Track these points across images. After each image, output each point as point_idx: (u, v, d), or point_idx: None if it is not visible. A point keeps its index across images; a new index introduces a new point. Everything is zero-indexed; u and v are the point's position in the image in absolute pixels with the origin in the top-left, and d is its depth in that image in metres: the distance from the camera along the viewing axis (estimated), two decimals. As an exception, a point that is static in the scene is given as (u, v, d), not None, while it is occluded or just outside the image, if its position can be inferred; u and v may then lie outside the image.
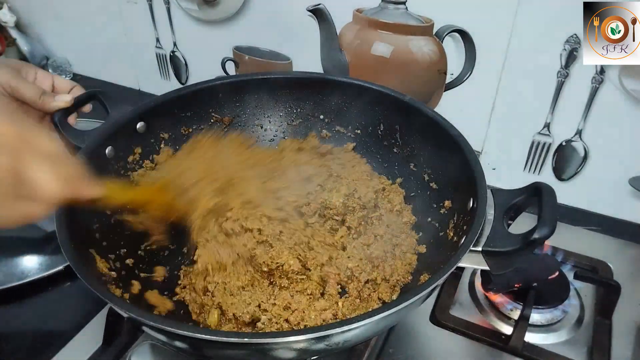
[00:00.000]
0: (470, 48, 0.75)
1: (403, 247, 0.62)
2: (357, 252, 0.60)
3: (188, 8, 0.93)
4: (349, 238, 0.64)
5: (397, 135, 0.70)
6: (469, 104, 0.79)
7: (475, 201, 0.52)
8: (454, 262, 0.45)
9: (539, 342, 0.61)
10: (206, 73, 0.99)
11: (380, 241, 0.62)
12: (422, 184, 0.67)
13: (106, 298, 0.44)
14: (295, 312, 0.53)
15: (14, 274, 0.65)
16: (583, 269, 0.69)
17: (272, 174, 0.67)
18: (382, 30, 0.79)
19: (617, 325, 0.62)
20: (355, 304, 0.56)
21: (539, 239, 0.44)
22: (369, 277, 0.57)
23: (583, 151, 0.75)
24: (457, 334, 0.62)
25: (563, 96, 0.72)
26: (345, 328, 0.41)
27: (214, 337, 0.41)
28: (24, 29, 1.17)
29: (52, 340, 0.60)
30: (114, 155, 0.62)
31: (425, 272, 0.57)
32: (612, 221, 0.78)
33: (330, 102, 0.74)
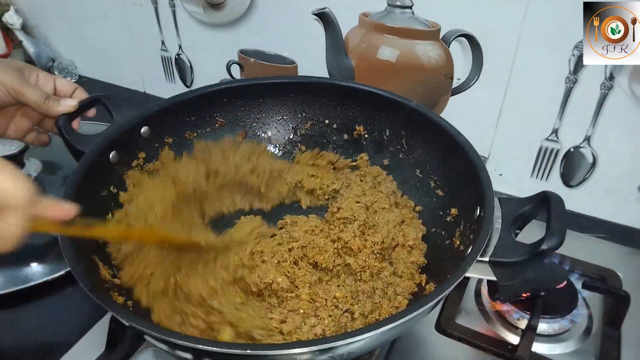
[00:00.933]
0: (477, 53, 0.74)
1: (398, 288, 0.57)
2: (349, 283, 0.58)
3: (193, 11, 0.93)
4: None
5: (402, 140, 0.69)
6: (476, 109, 0.78)
7: (482, 210, 0.51)
8: (461, 273, 0.44)
9: (546, 353, 0.60)
10: (211, 76, 0.99)
11: (376, 277, 0.59)
12: (428, 190, 0.66)
13: (107, 306, 0.44)
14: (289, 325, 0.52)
15: (18, 278, 0.65)
16: (591, 278, 0.68)
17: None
18: (388, 34, 0.78)
19: (626, 336, 0.61)
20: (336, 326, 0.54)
21: (547, 249, 0.44)
22: (348, 307, 0.55)
23: (592, 157, 0.74)
24: (463, 343, 0.61)
25: (571, 102, 0.71)
26: (349, 340, 0.40)
27: (215, 348, 0.40)
28: (30, 31, 1.18)
29: (55, 346, 0.60)
30: (118, 160, 0.62)
31: (431, 282, 0.57)
32: (621, 229, 0.77)
33: (335, 106, 0.73)
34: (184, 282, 0.55)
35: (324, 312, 0.54)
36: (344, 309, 0.55)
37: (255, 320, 0.52)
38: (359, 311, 0.54)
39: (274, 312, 0.54)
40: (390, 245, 0.60)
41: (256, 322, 0.52)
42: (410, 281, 0.58)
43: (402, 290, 0.57)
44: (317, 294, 0.56)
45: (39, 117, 0.64)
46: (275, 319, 0.52)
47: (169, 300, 0.53)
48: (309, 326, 0.52)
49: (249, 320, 0.52)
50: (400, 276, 0.59)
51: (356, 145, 0.73)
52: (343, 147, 0.74)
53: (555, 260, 0.69)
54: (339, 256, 0.60)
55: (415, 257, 0.60)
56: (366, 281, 0.58)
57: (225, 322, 0.51)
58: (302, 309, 0.54)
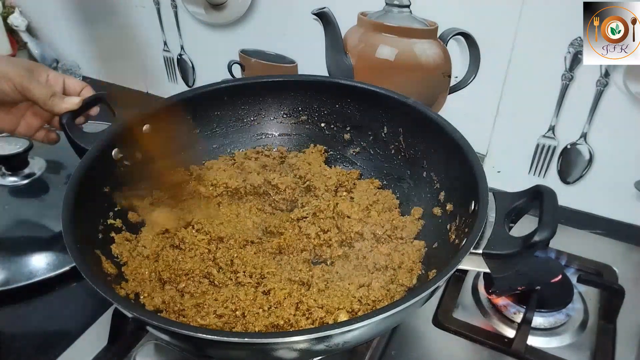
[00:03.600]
0: (474, 51, 0.75)
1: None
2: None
3: (195, 12, 0.94)
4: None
5: (400, 138, 0.70)
6: (474, 107, 0.79)
7: (476, 204, 0.52)
8: (454, 265, 0.45)
9: (542, 346, 0.60)
10: (213, 76, 1.00)
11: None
12: (425, 186, 0.67)
13: (110, 298, 0.45)
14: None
15: (23, 273, 0.66)
16: (587, 273, 0.69)
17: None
18: (386, 33, 0.79)
19: (621, 329, 0.62)
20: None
21: (539, 242, 0.44)
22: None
23: (588, 154, 0.75)
24: (460, 337, 0.62)
25: (568, 99, 0.72)
26: (346, 329, 0.41)
27: (215, 337, 0.41)
28: (34, 32, 1.19)
29: (59, 340, 0.61)
30: (121, 157, 0.63)
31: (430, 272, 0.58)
32: (617, 225, 0.77)
33: (334, 104, 0.74)
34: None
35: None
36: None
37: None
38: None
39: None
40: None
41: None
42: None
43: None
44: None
45: (49, 116, 0.65)
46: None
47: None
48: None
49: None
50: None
51: (354, 142, 0.74)
52: (342, 144, 0.75)
53: (552, 255, 0.70)
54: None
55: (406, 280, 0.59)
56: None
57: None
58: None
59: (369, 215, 0.64)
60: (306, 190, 0.70)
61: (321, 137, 0.76)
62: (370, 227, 0.63)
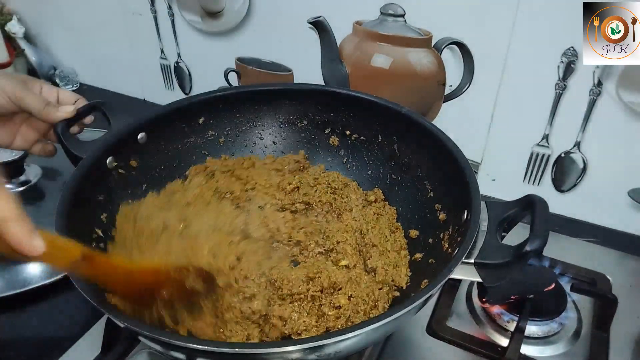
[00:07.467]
0: (468, 60, 0.75)
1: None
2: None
3: (192, 20, 0.95)
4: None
5: (394, 146, 0.70)
6: (468, 116, 0.80)
7: (469, 213, 0.52)
8: (446, 274, 0.45)
9: (535, 355, 0.60)
10: (209, 83, 1.01)
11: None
12: (418, 195, 0.67)
13: (102, 308, 0.45)
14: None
15: (16, 281, 0.66)
16: (581, 281, 0.69)
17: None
18: (381, 42, 0.80)
19: (614, 338, 0.62)
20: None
21: (530, 251, 0.45)
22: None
23: (582, 163, 0.75)
24: (454, 346, 0.62)
25: (561, 108, 0.72)
26: (338, 339, 0.41)
27: (207, 347, 0.41)
28: (32, 40, 1.20)
29: (52, 348, 0.61)
30: (115, 166, 0.63)
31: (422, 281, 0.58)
32: (611, 233, 0.78)
33: (329, 112, 0.74)
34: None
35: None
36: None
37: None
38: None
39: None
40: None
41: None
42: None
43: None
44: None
45: (45, 128, 0.65)
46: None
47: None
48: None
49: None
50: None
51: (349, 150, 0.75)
52: (335, 152, 0.75)
53: (546, 264, 0.70)
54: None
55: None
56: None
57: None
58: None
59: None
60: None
61: (316, 145, 0.76)
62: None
